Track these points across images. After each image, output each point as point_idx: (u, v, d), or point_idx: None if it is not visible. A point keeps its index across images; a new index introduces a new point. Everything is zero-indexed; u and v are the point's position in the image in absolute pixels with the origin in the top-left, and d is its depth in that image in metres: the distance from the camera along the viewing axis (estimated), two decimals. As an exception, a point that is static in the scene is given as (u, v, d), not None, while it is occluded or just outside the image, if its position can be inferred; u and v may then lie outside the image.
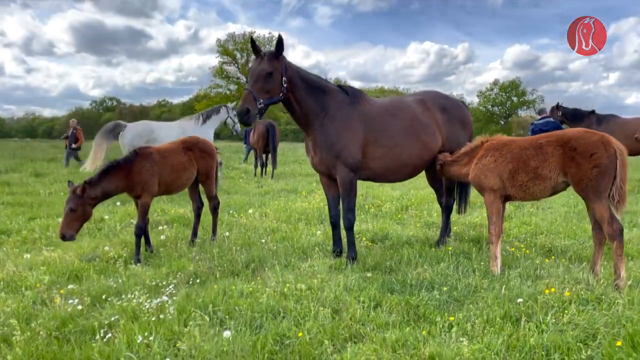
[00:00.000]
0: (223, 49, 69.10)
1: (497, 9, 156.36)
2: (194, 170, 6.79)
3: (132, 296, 4.56)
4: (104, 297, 4.67)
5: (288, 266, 5.73)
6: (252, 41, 5.69)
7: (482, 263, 5.60)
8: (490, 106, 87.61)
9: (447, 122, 6.48)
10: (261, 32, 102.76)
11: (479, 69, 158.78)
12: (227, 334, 3.63)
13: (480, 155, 5.55)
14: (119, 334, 3.82)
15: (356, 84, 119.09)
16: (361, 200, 10.54)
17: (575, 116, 14.25)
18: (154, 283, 5.04)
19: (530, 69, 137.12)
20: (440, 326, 3.82)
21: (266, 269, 5.58)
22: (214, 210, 7.24)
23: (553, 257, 5.84)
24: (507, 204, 6.16)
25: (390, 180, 6.56)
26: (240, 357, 3.39)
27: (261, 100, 5.42)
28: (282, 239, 7.11)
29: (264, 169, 17.80)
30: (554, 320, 3.84)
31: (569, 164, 4.90)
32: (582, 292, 4.27)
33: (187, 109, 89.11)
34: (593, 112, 14.15)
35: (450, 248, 6.20)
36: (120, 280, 5.17)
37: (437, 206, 9.92)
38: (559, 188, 5.17)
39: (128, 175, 6.02)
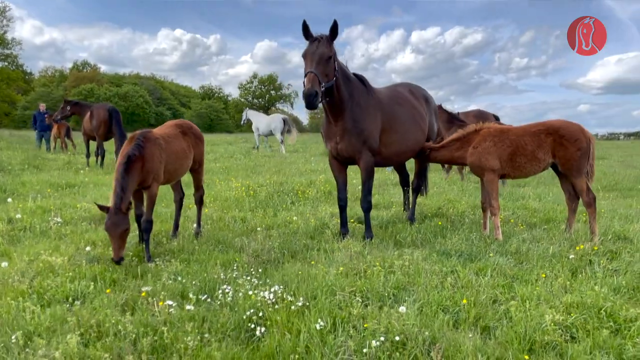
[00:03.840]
0: None
1: (247, 3, 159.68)
2: (192, 157, 6.27)
3: (228, 291, 4.29)
4: (190, 295, 4.26)
5: (320, 250, 5.84)
6: (305, 26, 5.55)
7: (474, 233, 6.49)
8: (251, 98, 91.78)
9: (429, 111, 7.26)
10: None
11: (231, 62, 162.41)
12: (402, 309, 3.78)
13: (478, 141, 6.45)
14: (275, 327, 3.65)
15: (104, 68, 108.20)
16: (285, 188, 10.67)
17: None
18: (219, 277, 4.74)
19: (278, 64, 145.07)
20: (541, 282, 4.56)
21: (315, 252, 5.64)
22: (200, 200, 6.75)
23: (521, 226, 7.10)
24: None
25: (389, 164, 7.06)
26: (432, 328, 3.60)
27: (323, 84, 5.38)
28: (275, 226, 7.07)
29: (99, 159, 15.58)
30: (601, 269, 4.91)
31: (558, 148, 6.11)
32: (602, 247, 5.47)
33: None
34: (440, 106, 16.63)
35: (440, 223, 7.02)
36: (178, 278, 4.70)
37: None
38: (546, 167, 6.37)
39: (142, 166, 5.34)
